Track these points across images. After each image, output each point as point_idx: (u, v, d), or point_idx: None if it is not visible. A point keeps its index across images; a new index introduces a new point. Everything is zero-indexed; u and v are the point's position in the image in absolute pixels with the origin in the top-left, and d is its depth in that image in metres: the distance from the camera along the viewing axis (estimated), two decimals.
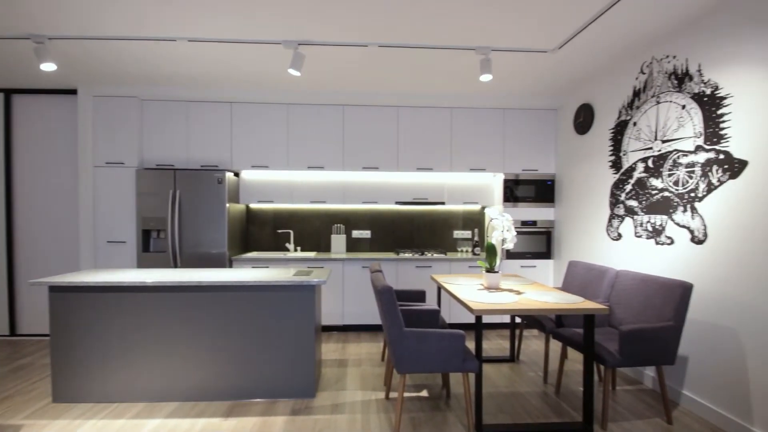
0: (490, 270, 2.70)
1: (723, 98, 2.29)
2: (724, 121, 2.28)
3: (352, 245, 4.54)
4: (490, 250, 2.70)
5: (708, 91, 2.38)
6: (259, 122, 4.09)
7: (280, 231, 4.46)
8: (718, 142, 2.32)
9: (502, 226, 2.72)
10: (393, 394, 2.69)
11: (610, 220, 3.31)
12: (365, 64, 3.33)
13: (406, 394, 2.70)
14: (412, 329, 2.15)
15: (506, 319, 4.23)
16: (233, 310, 2.58)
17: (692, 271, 2.51)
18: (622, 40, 2.80)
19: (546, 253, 4.23)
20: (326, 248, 4.53)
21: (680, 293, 2.26)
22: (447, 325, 2.90)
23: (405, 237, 4.58)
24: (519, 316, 3.37)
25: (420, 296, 3.26)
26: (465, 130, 4.24)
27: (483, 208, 4.62)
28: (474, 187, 4.40)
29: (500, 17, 2.51)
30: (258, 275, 2.72)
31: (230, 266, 3.89)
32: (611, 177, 3.30)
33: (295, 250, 4.44)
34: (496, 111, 4.24)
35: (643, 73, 2.94)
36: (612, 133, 3.31)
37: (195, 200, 3.77)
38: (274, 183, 4.24)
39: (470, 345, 3.75)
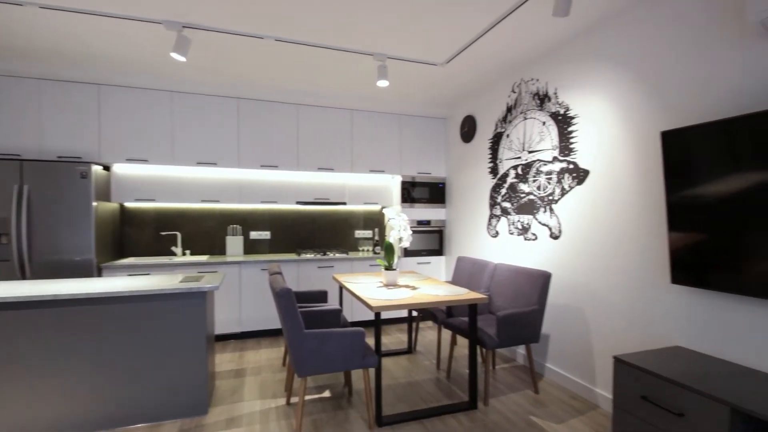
0: (389, 268, 2.83)
1: (572, 118, 2.78)
2: (573, 137, 2.77)
3: (251, 247, 4.31)
4: (388, 249, 2.84)
5: (562, 111, 2.87)
6: (136, 110, 3.60)
7: (164, 233, 4.00)
8: (569, 154, 2.81)
9: (399, 225, 2.88)
10: (295, 399, 2.65)
11: (490, 220, 3.76)
12: (262, 57, 3.19)
13: (308, 397, 2.67)
14: (313, 331, 2.14)
15: (404, 313, 4.47)
16: (105, 327, 2.24)
17: (551, 262, 2.99)
18: (497, 62, 3.20)
19: (439, 250, 4.59)
20: (221, 251, 4.22)
21: (542, 281, 2.67)
22: (349, 324, 2.96)
23: (307, 237, 4.52)
24: (415, 309, 3.60)
25: (322, 297, 3.26)
26: (365, 133, 4.36)
27: (383, 208, 4.81)
28: (374, 188, 4.55)
29: (398, 27, 2.66)
30: (134, 284, 2.40)
31: (99, 275, 3.36)
32: (490, 181, 3.74)
33: (184, 254, 4.04)
34: (393, 116, 4.45)
35: (514, 92, 3.41)
36: (490, 142, 3.76)
37: (50, 197, 3.15)
38: (157, 179, 3.78)
39: (371, 341, 3.88)
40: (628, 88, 2.38)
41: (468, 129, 4.14)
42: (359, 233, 4.72)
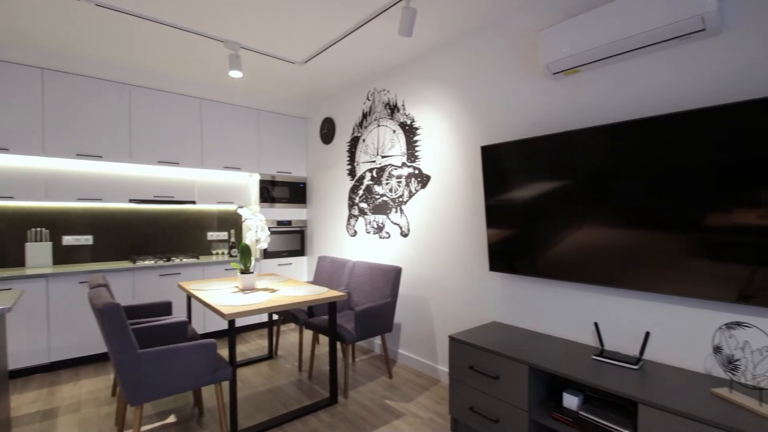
0: (245, 271, 2.69)
1: (417, 128, 3.11)
2: (418, 146, 3.11)
3: (64, 255, 3.49)
4: (244, 251, 2.69)
5: (409, 122, 3.19)
6: None
7: None
8: (414, 161, 3.14)
9: (256, 226, 2.76)
10: None
11: (349, 220, 3.92)
12: (75, 23, 2.63)
13: (147, 427, 2.33)
14: (149, 350, 1.88)
15: (265, 318, 4.30)
16: None
17: (403, 258, 3.30)
18: (354, 69, 3.36)
19: (301, 250, 4.56)
20: (18, 261, 3.30)
21: (394, 275, 2.93)
22: (199, 336, 2.69)
23: (145, 242, 3.91)
24: (275, 312, 3.49)
25: (165, 309, 2.87)
26: (218, 126, 4.01)
27: (239, 207, 4.50)
28: (230, 186, 4.23)
29: (256, 19, 2.53)
30: None
31: None
32: (349, 183, 3.91)
33: None
34: (251, 111, 4.22)
35: (369, 100, 3.63)
36: (348, 145, 3.92)
37: None
38: None
39: (227, 352, 3.60)
40: (459, 107, 2.80)
41: (327, 131, 4.22)
42: (213, 235, 4.32)
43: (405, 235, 3.25)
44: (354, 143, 3.83)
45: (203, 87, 3.83)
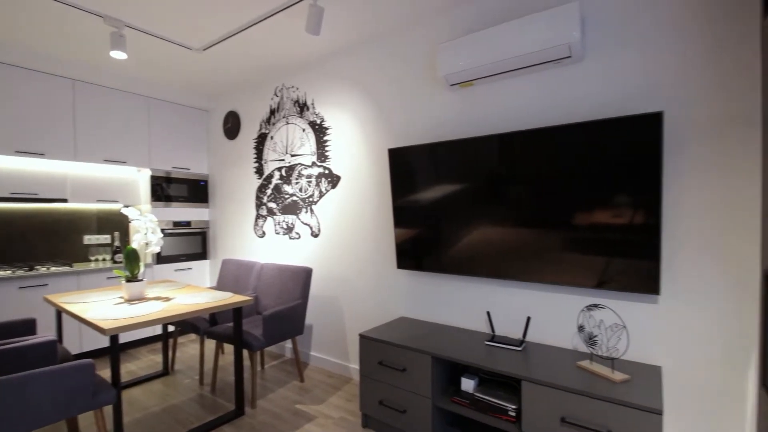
0: (132, 279, 2.39)
1: (327, 128, 3.10)
2: (328, 146, 3.09)
3: None
4: (131, 256, 2.39)
5: (318, 121, 3.16)
6: None
7: None
8: (324, 161, 3.12)
9: (146, 227, 2.48)
10: None
11: (256, 220, 3.73)
12: None
13: None
14: (3, 378, 1.57)
15: (159, 330, 3.87)
16: None
17: (314, 258, 3.25)
18: (260, 63, 3.20)
19: (202, 254, 4.21)
20: None
21: (304, 276, 2.88)
22: (72, 357, 2.31)
23: (0, 248, 3.24)
24: (170, 323, 3.18)
25: (28, 328, 2.41)
26: (96, 113, 3.49)
27: (126, 207, 3.98)
28: (113, 182, 3.71)
29: None
30: None
31: None
32: (256, 181, 3.72)
33: None
34: (139, 98, 3.75)
35: (277, 96, 3.50)
36: (255, 142, 3.73)
37: None
38: None
39: (109, 372, 3.16)
40: (368, 110, 2.85)
41: (232, 125, 3.96)
42: (91, 239, 3.75)
43: (316, 236, 3.21)
44: (261, 140, 3.66)
45: (78, 66, 3.30)
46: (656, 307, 1.81)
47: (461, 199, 2.26)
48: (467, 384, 2.03)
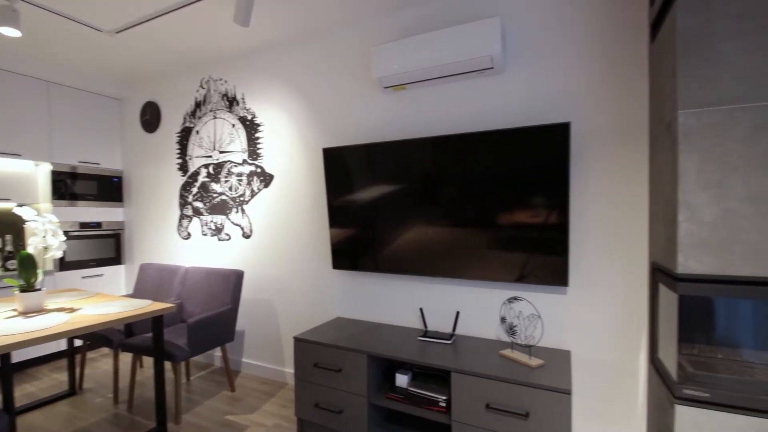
0: (28, 288, 2.10)
1: (259, 125, 2.98)
2: (260, 143, 2.97)
3: None
4: (26, 263, 2.10)
5: (249, 117, 3.02)
6: None
7: None
8: (256, 159, 3.00)
9: (44, 230, 2.18)
10: None
11: (180, 221, 3.47)
12: None
13: None
14: None
15: (63, 345, 3.43)
16: None
17: (245, 260, 3.11)
18: (184, 51, 2.98)
19: (116, 258, 3.81)
20: None
21: (234, 280, 2.74)
22: None
23: None
24: (76, 337, 2.84)
25: None
26: None
27: (20, 206, 3.47)
28: (4, 177, 3.21)
29: None
30: None
31: None
32: (180, 179, 3.46)
33: None
34: (37, 82, 3.28)
35: (203, 88, 3.28)
36: (178, 137, 3.46)
37: None
38: None
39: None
40: (302, 108, 2.79)
41: (150, 117, 3.63)
42: None
43: (247, 237, 3.07)
44: (185, 134, 3.40)
45: None
46: (565, 298, 2.02)
47: (395, 200, 2.31)
48: (401, 379, 2.08)
